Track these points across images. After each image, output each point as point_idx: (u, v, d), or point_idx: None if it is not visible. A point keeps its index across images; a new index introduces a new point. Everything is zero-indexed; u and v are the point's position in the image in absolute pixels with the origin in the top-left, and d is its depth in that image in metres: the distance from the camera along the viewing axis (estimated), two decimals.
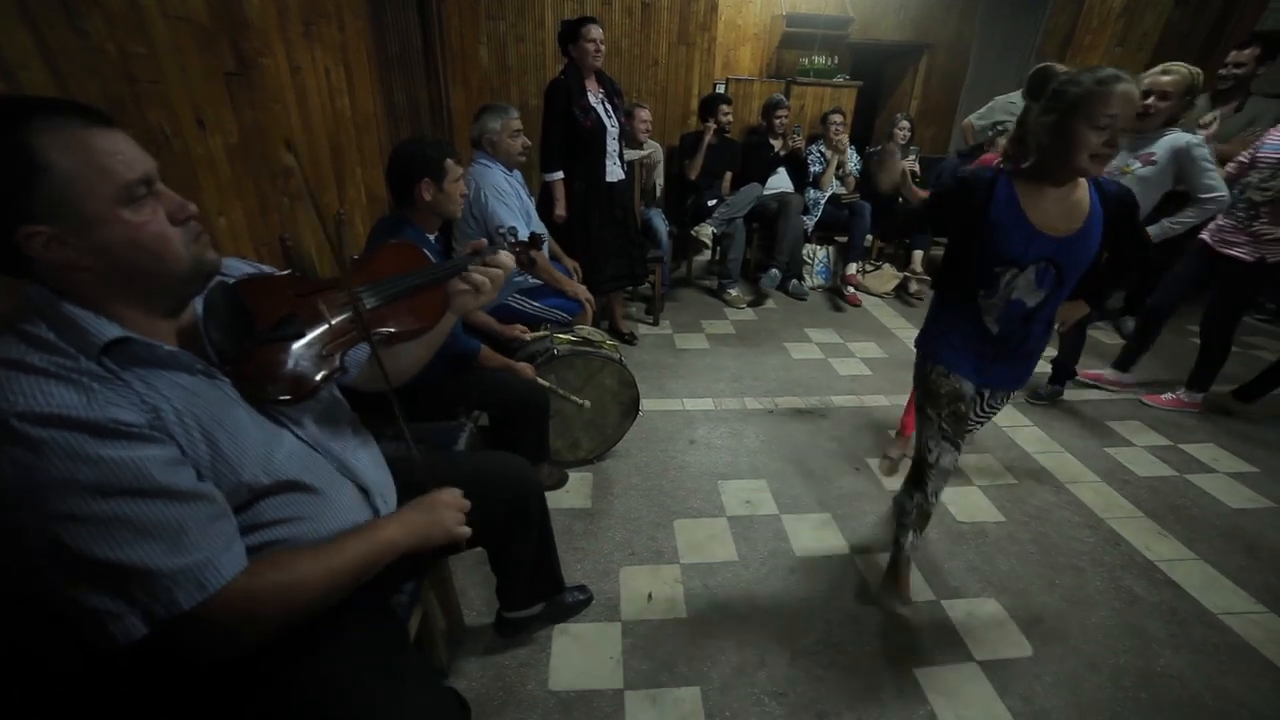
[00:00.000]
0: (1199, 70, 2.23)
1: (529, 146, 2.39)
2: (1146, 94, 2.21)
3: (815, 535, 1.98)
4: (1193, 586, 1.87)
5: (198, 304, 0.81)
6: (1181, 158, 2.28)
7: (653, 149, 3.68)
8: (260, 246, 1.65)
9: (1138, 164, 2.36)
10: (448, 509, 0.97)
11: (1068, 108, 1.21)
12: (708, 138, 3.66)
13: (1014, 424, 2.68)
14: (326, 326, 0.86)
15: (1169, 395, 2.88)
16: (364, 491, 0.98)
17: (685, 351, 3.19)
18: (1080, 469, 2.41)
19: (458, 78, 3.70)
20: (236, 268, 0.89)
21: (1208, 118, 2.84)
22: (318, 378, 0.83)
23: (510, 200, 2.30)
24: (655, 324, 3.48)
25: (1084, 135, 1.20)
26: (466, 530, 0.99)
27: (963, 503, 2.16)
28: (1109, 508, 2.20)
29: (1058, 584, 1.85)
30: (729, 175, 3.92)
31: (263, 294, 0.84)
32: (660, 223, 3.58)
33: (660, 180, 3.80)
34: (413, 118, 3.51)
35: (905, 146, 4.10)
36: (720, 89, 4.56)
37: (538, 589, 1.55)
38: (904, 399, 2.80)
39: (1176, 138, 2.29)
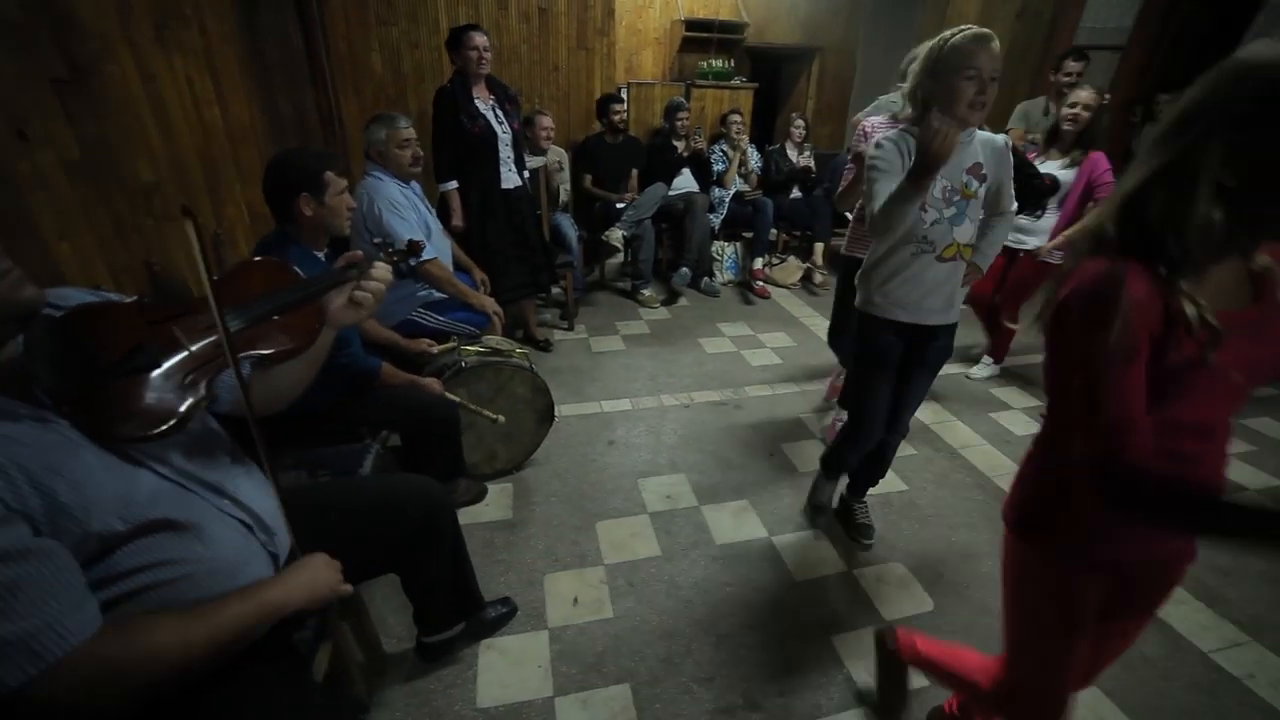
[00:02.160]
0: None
1: (421, 157, 2.32)
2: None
3: (734, 523, 2.05)
4: None
5: (20, 343, 0.73)
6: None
7: (557, 155, 3.67)
8: (120, 273, 1.51)
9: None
10: (326, 566, 0.95)
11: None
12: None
13: None
14: (186, 354, 0.81)
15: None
16: (248, 525, 0.93)
17: (601, 354, 3.21)
18: (969, 434, 2.64)
19: (349, 86, 3.53)
20: (70, 298, 0.82)
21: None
22: (181, 410, 0.77)
23: (406, 213, 2.23)
24: (570, 329, 3.48)
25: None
26: (348, 587, 0.97)
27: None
28: (994, 467, 2.42)
29: (954, 541, 2.02)
30: (635, 173, 3.98)
31: (104, 325, 0.77)
32: (569, 228, 3.58)
33: (566, 185, 3.80)
34: (301, 129, 3.32)
35: (800, 144, 4.33)
36: (623, 93, 4.63)
37: (457, 608, 1.52)
38: (812, 384, 2.96)
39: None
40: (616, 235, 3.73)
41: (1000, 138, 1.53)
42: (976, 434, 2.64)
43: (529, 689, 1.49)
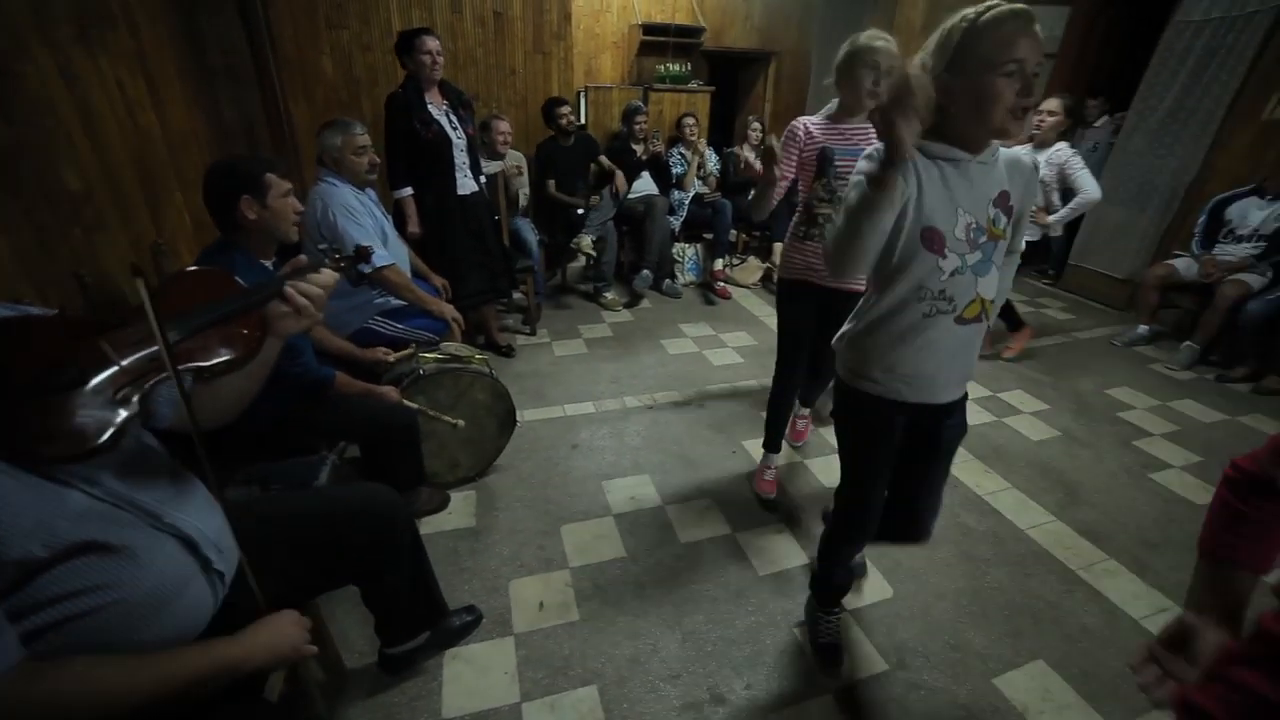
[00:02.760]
0: None
1: (377, 164, 2.28)
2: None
3: (698, 521, 2.07)
4: (1008, 510, 2.19)
5: None
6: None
7: (515, 159, 3.66)
8: (46, 286, 1.44)
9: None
10: (289, 625, 0.94)
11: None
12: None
13: None
14: (115, 369, 0.78)
15: None
16: (190, 543, 0.90)
17: (564, 358, 3.21)
18: None
19: (298, 91, 3.44)
20: None
21: None
22: (111, 428, 0.75)
23: (362, 219, 2.19)
24: (532, 334, 3.46)
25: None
26: (313, 649, 0.96)
27: (830, 470, 2.36)
28: None
29: None
30: (593, 169, 4.00)
31: (21, 341, 0.74)
32: (529, 233, 3.57)
33: (526, 190, 3.78)
34: (249, 135, 3.22)
35: (758, 146, 4.41)
36: (581, 97, 4.64)
37: (420, 618, 1.50)
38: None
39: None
40: (586, 242, 3.74)
41: (1029, 158, 1.18)
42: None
43: (496, 696, 1.48)
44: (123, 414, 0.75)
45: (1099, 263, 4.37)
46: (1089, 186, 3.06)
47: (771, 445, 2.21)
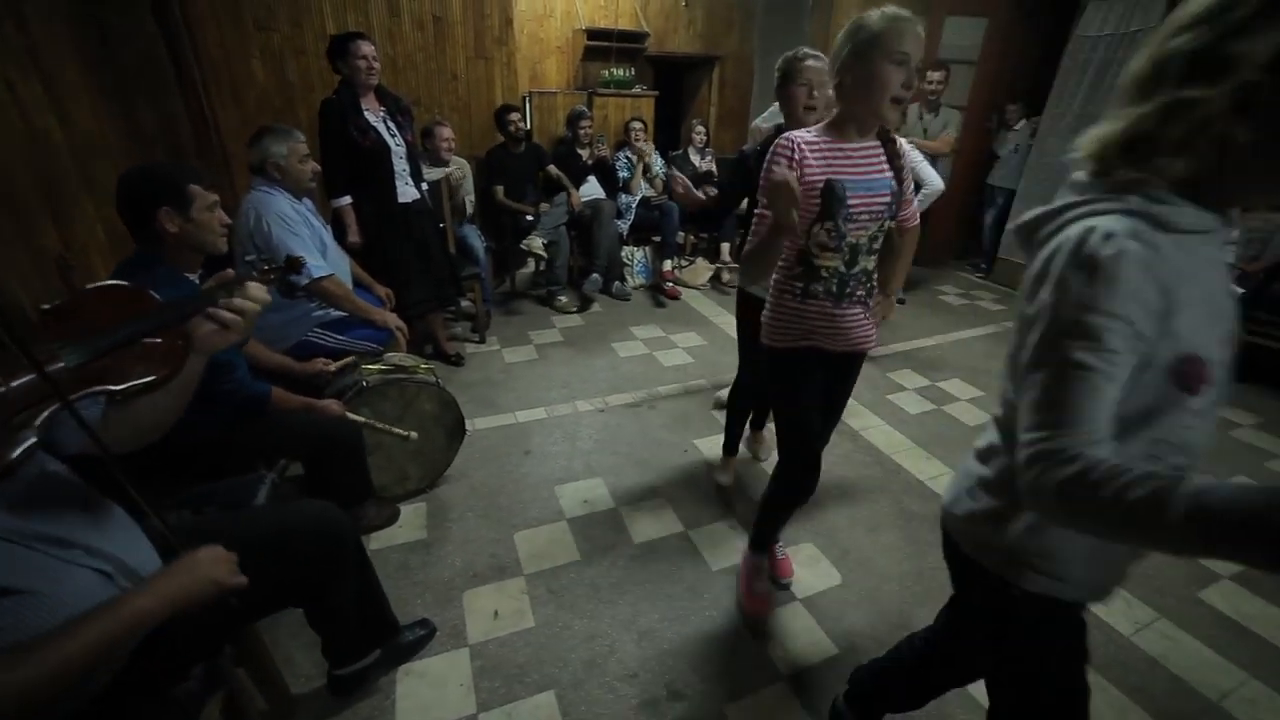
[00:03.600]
0: None
1: (319, 171, 2.22)
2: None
3: (652, 521, 2.09)
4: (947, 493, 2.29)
5: None
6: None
7: (459, 165, 3.61)
8: None
9: None
10: (211, 563, 0.89)
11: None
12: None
13: None
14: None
15: None
16: (107, 574, 0.85)
17: (514, 365, 3.18)
18: (869, 417, 2.84)
19: (226, 95, 3.29)
20: None
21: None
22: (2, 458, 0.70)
23: (298, 228, 2.12)
24: (481, 341, 3.42)
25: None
26: (242, 578, 0.91)
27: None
28: (891, 445, 2.62)
29: (858, 518, 2.16)
30: (542, 176, 3.99)
31: None
32: (476, 239, 3.53)
33: (471, 196, 3.74)
34: (170, 142, 3.06)
35: (702, 150, 4.50)
36: (526, 102, 4.61)
37: (370, 636, 1.46)
38: (726, 376, 3.07)
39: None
40: (537, 244, 3.71)
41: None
42: (876, 416, 2.85)
43: (451, 709, 1.45)
44: (18, 444, 0.71)
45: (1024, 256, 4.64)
46: (930, 178, 2.98)
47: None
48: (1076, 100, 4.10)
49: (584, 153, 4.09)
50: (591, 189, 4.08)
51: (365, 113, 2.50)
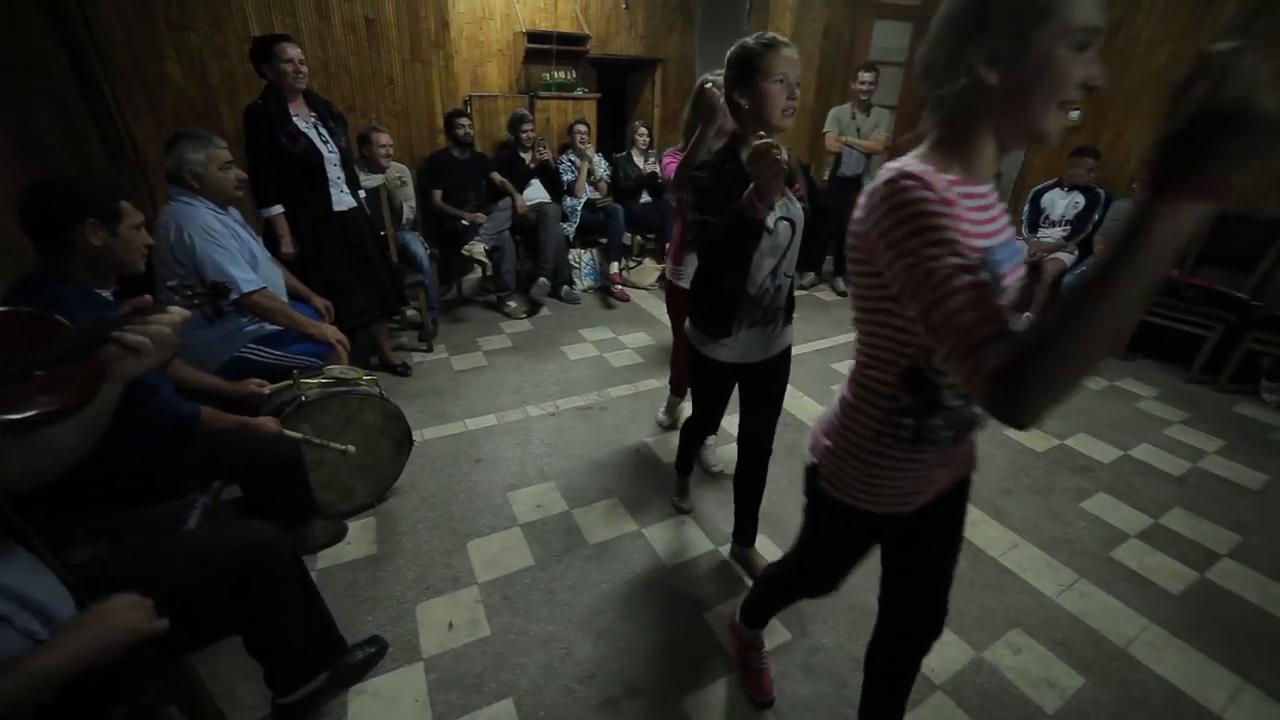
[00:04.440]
0: None
1: (244, 179, 2.13)
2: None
3: (605, 520, 2.11)
4: None
5: None
6: None
7: (398, 172, 3.53)
8: None
9: None
10: (125, 611, 0.85)
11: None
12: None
13: None
14: None
15: None
16: (3, 617, 0.81)
17: (463, 372, 3.14)
18: (816, 408, 2.93)
19: (140, 99, 3.09)
20: None
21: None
22: None
23: (225, 241, 2.02)
24: (429, 350, 3.35)
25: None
26: (160, 623, 0.88)
27: (726, 454, 2.48)
28: None
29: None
30: (485, 182, 3.95)
31: None
32: (419, 246, 3.46)
33: (412, 203, 3.66)
34: (74, 149, 2.86)
35: (645, 151, 4.54)
36: (468, 106, 4.55)
37: (315, 658, 1.42)
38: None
39: None
40: (479, 249, 3.66)
41: None
42: (820, 405, 2.95)
43: None
44: None
45: None
46: None
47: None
48: None
49: (526, 156, 4.06)
50: (535, 192, 4.06)
51: (294, 118, 2.41)
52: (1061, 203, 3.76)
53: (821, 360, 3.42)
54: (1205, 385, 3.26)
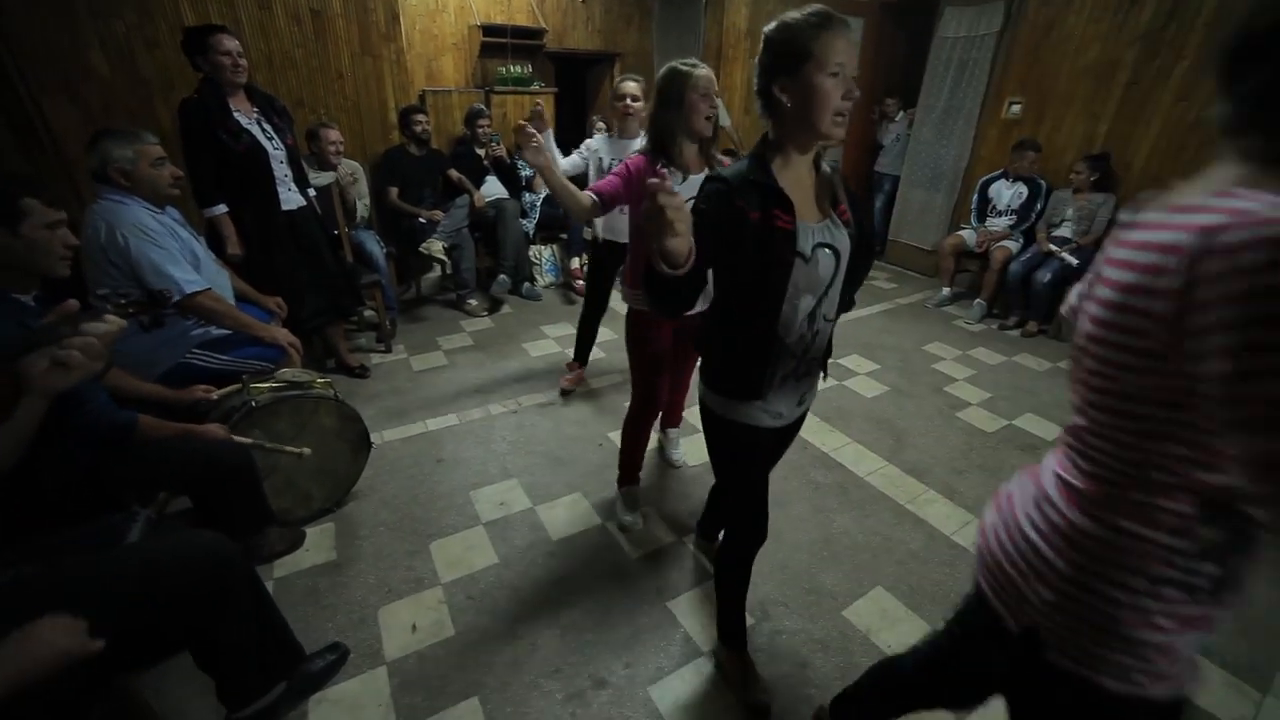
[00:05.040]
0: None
1: (180, 177, 2.04)
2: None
3: (569, 516, 2.11)
4: (849, 462, 2.47)
5: None
6: None
7: (350, 168, 3.44)
8: None
9: None
10: (53, 634, 0.82)
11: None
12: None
13: None
14: None
15: None
16: None
17: (423, 372, 3.09)
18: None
19: (58, 91, 2.90)
20: None
21: None
22: None
23: (163, 240, 1.93)
24: (387, 351, 3.29)
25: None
26: (94, 644, 0.85)
27: (687, 447, 2.51)
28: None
29: (769, 495, 2.27)
30: (442, 179, 3.88)
31: None
32: (374, 245, 3.38)
33: (365, 200, 3.57)
34: None
35: None
36: (422, 101, 4.45)
37: (271, 669, 1.39)
38: None
39: None
40: (437, 247, 3.60)
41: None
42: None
43: None
44: None
45: (911, 237, 5.05)
46: None
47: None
48: (943, 95, 4.49)
49: (483, 152, 4.01)
50: (493, 188, 4.01)
51: (235, 114, 2.32)
52: (1007, 193, 3.91)
53: None
54: None
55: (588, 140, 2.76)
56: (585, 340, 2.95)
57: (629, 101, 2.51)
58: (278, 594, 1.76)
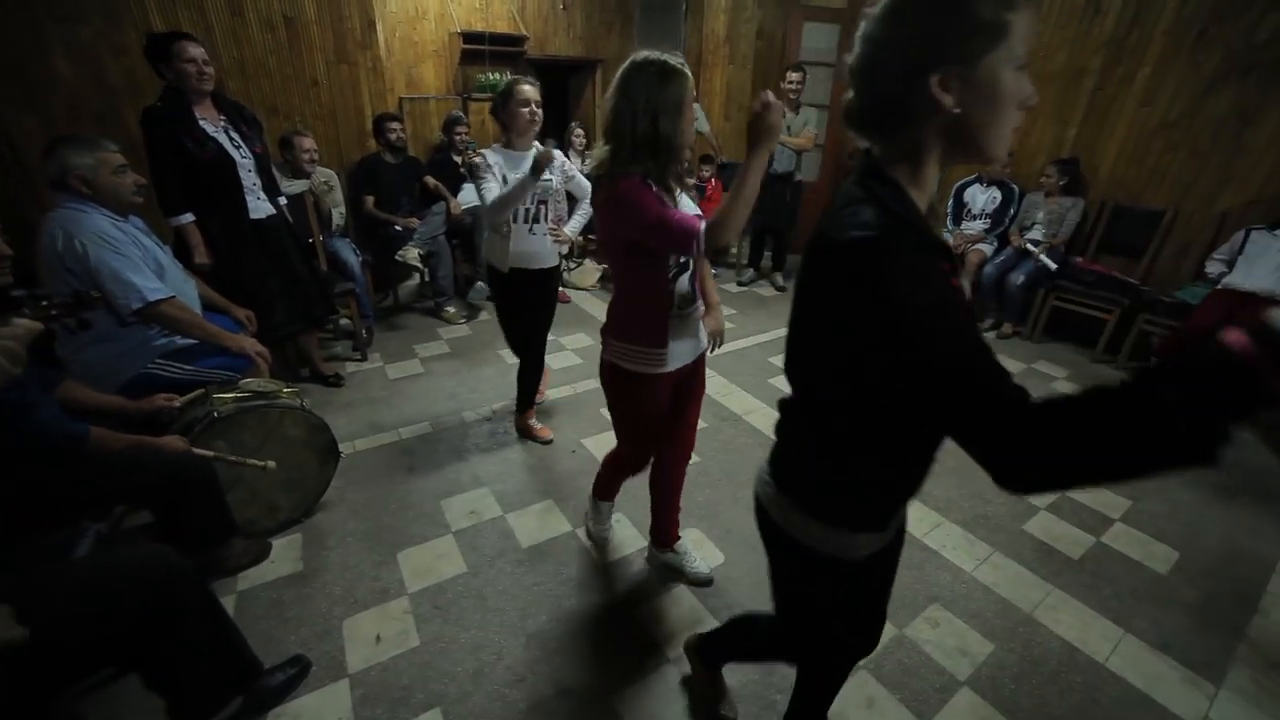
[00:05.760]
0: None
1: (143, 184, 2.01)
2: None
3: (539, 523, 2.11)
4: None
5: None
6: None
7: (325, 176, 3.42)
8: None
9: None
10: None
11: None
12: None
13: None
14: None
15: None
16: None
17: (399, 380, 3.07)
18: (752, 401, 3.00)
19: (19, 97, 2.85)
20: None
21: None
22: None
23: (125, 248, 1.91)
24: (364, 359, 3.27)
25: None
26: (18, 629, 0.83)
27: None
28: (771, 426, 2.77)
29: (740, 498, 2.28)
30: (419, 186, 3.87)
31: None
32: (349, 253, 3.36)
33: (341, 209, 3.55)
34: None
35: (582, 153, 4.53)
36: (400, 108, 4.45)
37: (226, 684, 1.37)
38: None
39: None
40: (413, 254, 3.58)
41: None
42: (757, 399, 3.02)
43: None
44: None
45: None
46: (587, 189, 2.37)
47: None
48: None
49: (459, 159, 4.00)
50: (470, 195, 4.00)
51: (201, 122, 2.30)
52: (982, 197, 3.96)
53: (760, 354, 3.50)
54: (1108, 364, 3.50)
55: (484, 152, 2.18)
56: (528, 389, 2.57)
57: (535, 108, 2.12)
58: (241, 607, 1.74)
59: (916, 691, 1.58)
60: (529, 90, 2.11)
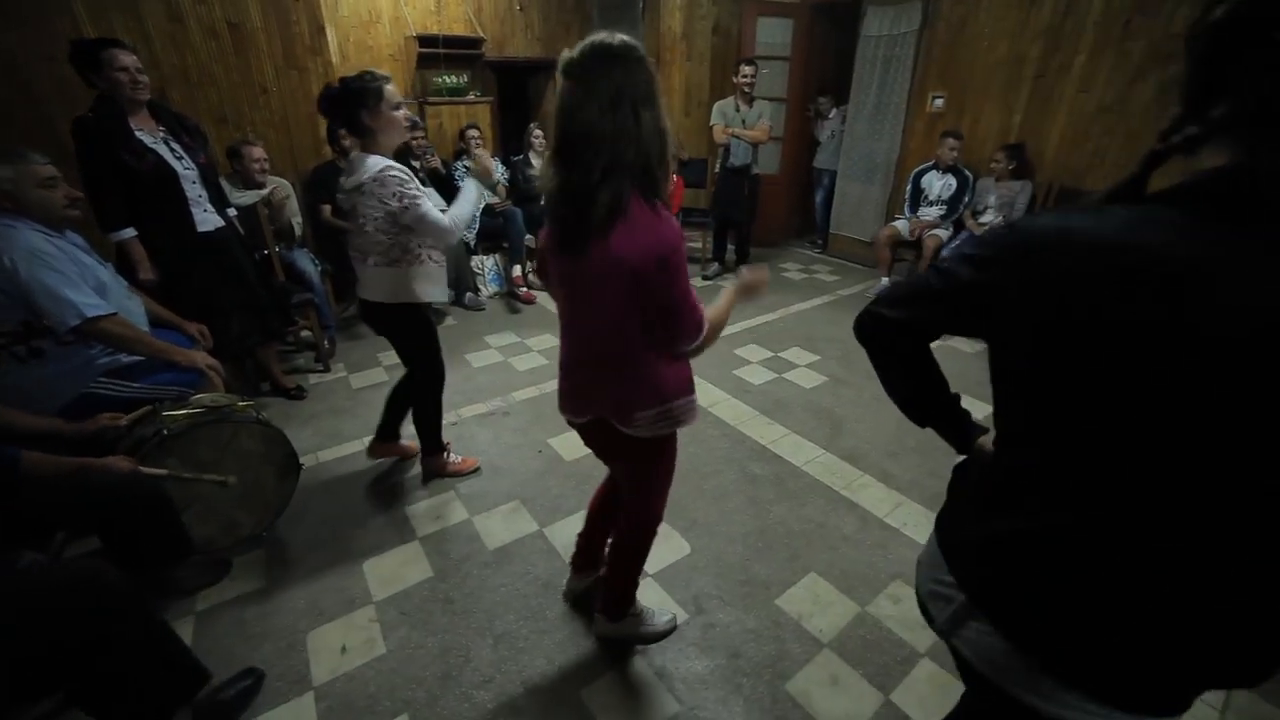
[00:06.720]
0: None
1: (78, 198, 1.95)
2: None
3: (506, 525, 2.10)
4: (787, 453, 2.52)
5: None
6: None
7: (280, 185, 3.35)
8: None
9: None
10: None
11: None
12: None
13: None
14: None
15: None
16: None
17: (362, 390, 3.03)
18: (718, 393, 3.03)
19: None
20: None
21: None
22: None
23: (61, 265, 1.83)
24: (326, 370, 3.21)
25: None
26: None
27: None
28: (737, 416, 2.82)
29: (705, 489, 2.31)
30: None
31: None
32: (307, 263, 3.30)
33: (298, 218, 3.49)
34: None
35: (542, 153, 4.52)
36: None
37: (169, 698, 1.33)
38: None
39: None
40: None
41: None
42: (722, 390, 3.05)
43: None
44: None
45: (851, 229, 5.19)
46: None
47: None
48: (872, 91, 4.64)
49: (417, 164, 3.95)
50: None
51: (139, 133, 2.23)
52: (938, 184, 4.05)
53: (725, 346, 3.54)
54: None
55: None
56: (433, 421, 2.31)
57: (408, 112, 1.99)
58: (202, 627, 1.71)
59: (879, 666, 1.62)
60: (396, 91, 1.93)
